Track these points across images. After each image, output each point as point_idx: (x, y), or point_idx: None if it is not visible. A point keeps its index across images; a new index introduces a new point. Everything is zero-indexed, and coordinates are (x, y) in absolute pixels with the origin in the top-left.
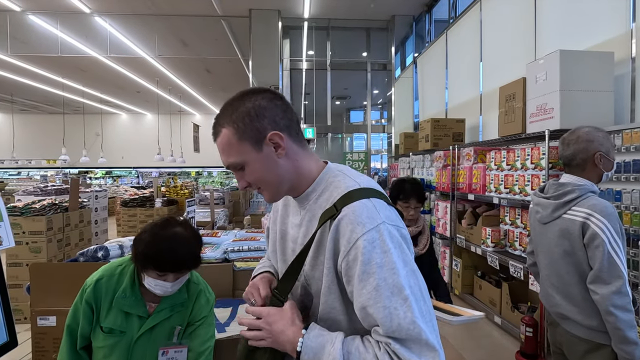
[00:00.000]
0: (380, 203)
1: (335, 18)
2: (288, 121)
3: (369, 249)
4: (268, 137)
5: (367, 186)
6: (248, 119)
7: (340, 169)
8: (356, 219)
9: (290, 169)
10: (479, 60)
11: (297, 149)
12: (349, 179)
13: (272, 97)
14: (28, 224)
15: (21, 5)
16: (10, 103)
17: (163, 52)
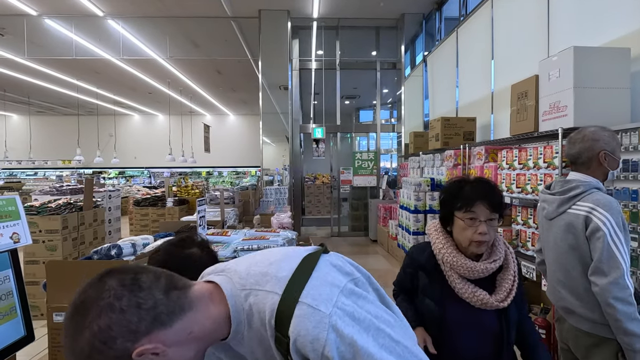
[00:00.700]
0: (311, 292)
1: (344, 17)
2: (151, 313)
3: (335, 352)
4: (134, 356)
5: (283, 286)
6: (97, 354)
7: (240, 284)
8: (306, 338)
9: (188, 348)
10: (490, 58)
11: (181, 325)
12: (262, 293)
13: (111, 302)
14: (44, 223)
15: (38, 9)
16: (27, 105)
17: (174, 54)
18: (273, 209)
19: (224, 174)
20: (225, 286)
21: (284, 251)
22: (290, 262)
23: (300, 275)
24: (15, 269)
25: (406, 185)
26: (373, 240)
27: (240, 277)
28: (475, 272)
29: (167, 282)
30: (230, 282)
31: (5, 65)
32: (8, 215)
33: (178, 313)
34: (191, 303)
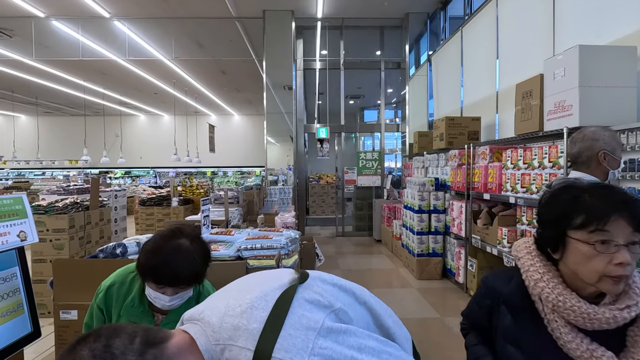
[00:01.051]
0: (284, 344)
1: (348, 17)
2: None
3: None
4: None
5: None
6: None
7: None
8: None
9: None
10: (495, 57)
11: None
12: (236, 348)
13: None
14: (51, 222)
15: (45, 11)
16: (35, 106)
17: (179, 54)
18: (277, 209)
19: (229, 173)
20: (200, 340)
21: (259, 288)
22: (262, 307)
23: (273, 324)
24: (22, 267)
25: (410, 185)
26: (377, 240)
27: (213, 330)
28: (596, 321)
29: (143, 341)
30: (205, 336)
31: (14, 66)
32: (15, 214)
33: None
34: (170, 358)
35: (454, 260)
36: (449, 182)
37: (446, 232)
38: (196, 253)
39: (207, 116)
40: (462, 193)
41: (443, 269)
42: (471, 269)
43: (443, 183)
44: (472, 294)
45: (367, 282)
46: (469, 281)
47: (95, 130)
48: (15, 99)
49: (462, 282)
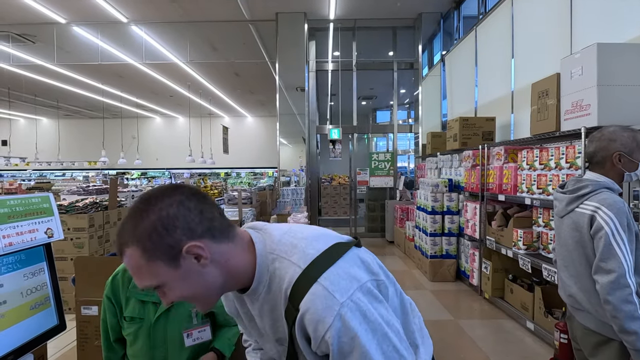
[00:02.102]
0: (331, 276)
1: (361, 18)
2: (208, 222)
3: (336, 341)
4: (184, 250)
5: (307, 262)
6: (156, 235)
7: (270, 248)
8: (313, 316)
9: (220, 274)
10: (510, 57)
11: (224, 247)
12: (287, 262)
13: (182, 199)
14: (72, 221)
15: (66, 17)
16: (56, 109)
17: (194, 58)
18: (290, 209)
19: (242, 174)
20: (258, 245)
21: (320, 231)
22: (321, 242)
23: (326, 258)
24: (49, 262)
25: (423, 186)
26: (390, 242)
27: (272, 241)
28: None
29: (223, 213)
30: (263, 243)
31: (37, 71)
32: (43, 212)
33: (225, 237)
34: (235, 238)
35: (467, 262)
36: (462, 183)
37: (460, 233)
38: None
39: (221, 118)
40: (476, 194)
41: (457, 270)
42: (485, 271)
43: (457, 184)
44: (487, 297)
45: None
46: (484, 283)
47: (113, 133)
48: (38, 102)
49: (476, 284)
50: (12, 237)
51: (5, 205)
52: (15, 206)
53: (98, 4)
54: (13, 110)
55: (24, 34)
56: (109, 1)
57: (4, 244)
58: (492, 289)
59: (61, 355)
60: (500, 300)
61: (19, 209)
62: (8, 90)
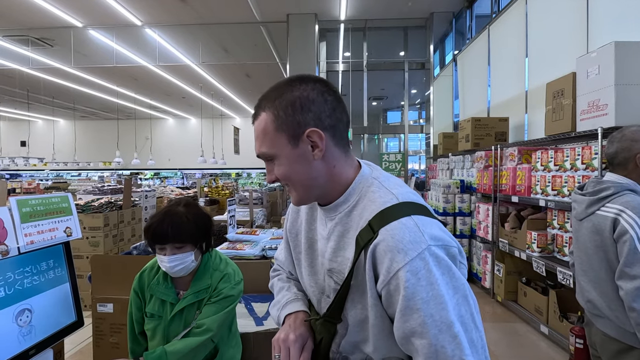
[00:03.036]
0: (424, 220)
1: (372, 18)
2: (335, 121)
3: (412, 282)
4: (306, 133)
5: (407, 199)
6: (291, 109)
7: (375, 175)
8: (396, 245)
9: (324, 174)
10: (524, 56)
11: (338, 153)
12: (385, 190)
13: (324, 90)
14: (88, 221)
15: (83, 21)
16: (72, 110)
17: (206, 59)
18: None
19: (253, 175)
20: (365, 169)
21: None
22: (423, 201)
23: (424, 209)
24: (68, 260)
25: (435, 187)
26: None
27: (380, 174)
28: None
29: (349, 125)
30: (370, 170)
31: (54, 74)
32: (62, 212)
33: (341, 144)
34: (347, 151)
35: (480, 265)
36: (475, 184)
37: (472, 235)
38: (186, 215)
39: (232, 119)
40: (488, 195)
41: (468, 273)
42: (498, 273)
43: (469, 185)
44: (500, 299)
45: None
46: (496, 286)
47: (126, 133)
48: (56, 104)
49: (488, 287)
50: (34, 236)
51: (28, 205)
52: (36, 205)
53: (113, 8)
54: (32, 112)
55: (42, 38)
56: (124, 5)
57: (25, 242)
58: (504, 292)
59: (77, 351)
60: (513, 304)
61: (39, 208)
62: (27, 92)
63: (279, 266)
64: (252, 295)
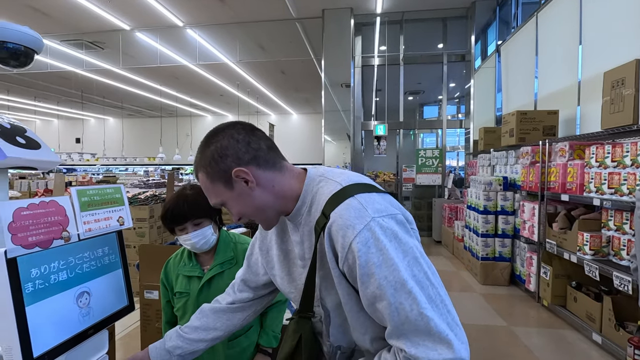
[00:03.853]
0: (367, 197)
1: (409, 10)
2: (254, 152)
3: (364, 250)
4: (234, 174)
5: (349, 183)
6: (214, 162)
7: (320, 173)
8: (344, 222)
9: (268, 197)
10: (577, 43)
11: (270, 175)
12: (331, 182)
13: (232, 132)
14: (135, 212)
15: (130, 24)
16: (120, 109)
17: (243, 57)
18: None
19: None
20: (311, 171)
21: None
22: (366, 180)
23: (366, 187)
24: (121, 247)
25: (475, 184)
26: (437, 241)
27: (325, 170)
28: None
29: (273, 147)
30: (315, 170)
31: (105, 75)
32: (115, 202)
33: (270, 166)
34: (282, 168)
35: (524, 266)
36: (519, 181)
37: (515, 235)
38: (197, 194)
39: (268, 116)
40: (535, 194)
41: (511, 274)
42: (544, 276)
43: (512, 182)
44: (546, 303)
45: None
46: (542, 289)
47: (169, 130)
48: (106, 103)
49: (533, 290)
50: (91, 224)
51: (86, 195)
52: (93, 195)
53: (158, 10)
54: (85, 111)
55: (95, 41)
56: (167, 6)
57: (84, 229)
58: (551, 296)
59: (126, 334)
60: (561, 309)
61: (96, 198)
62: (81, 92)
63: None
64: None
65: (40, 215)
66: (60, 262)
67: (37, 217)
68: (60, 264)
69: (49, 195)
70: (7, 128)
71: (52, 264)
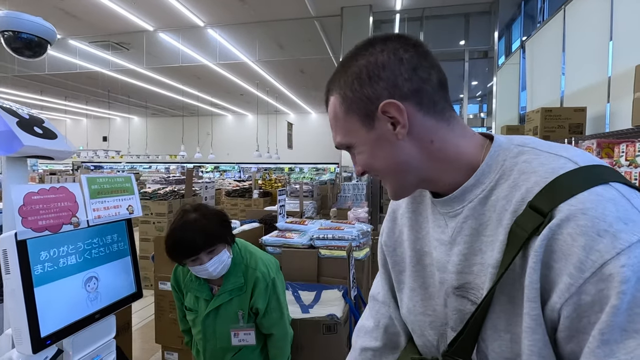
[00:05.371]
0: (632, 190)
1: (429, 7)
2: (419, 82)
3: (633, 282)
4: (380, 108)
5: (591, 163)
6: (357, 84)
7: (518, 141)
8: (595, 224)
9: (418, 155)
10: (608, 38)
11: (431, 123)
12: (548, 155)
13: (398, 47)
14: (155, 207)
15: (154, 25)
16: (144, 108)
17: (262, 56)
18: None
19: (305, 170)
20: (499, 137)
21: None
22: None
23: (625, 178)
24: (130, 235)
25: None
26: None
27: (528, 140)
28: None
29: (445, 84)
30: (507, 138)
31: (130, 75)
32: (125, 190)
33: (435, 112)
34: (451, 120)
35: None
36: None
37: None
38: (204, 218)
39: (287, 115)
40: None
41: None
42: None
43: None
44: None
45: None
46: None
47: (190, 129)
48: (131, 103)
49: None
50: (101, 211)
51: (96, 183)
52: (103, 184)
53: (180, 11)
54: (112, 110)
55: (120, 42)
56: (189, 7)
57: (94, 215)
58: None
59: (143, 325)
60: None
61: (106, 186)
62: (108, 92)
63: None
64: (299, 283)
65: (50, 200)
66: (69, 247)
67: (48, 202)
68: (69, 249)
69: None
70: (26, 119)
71: (61, 248)
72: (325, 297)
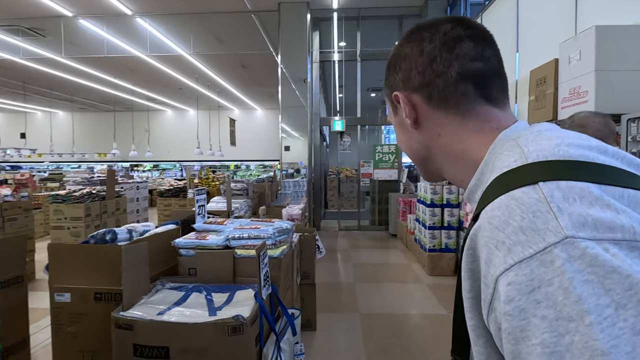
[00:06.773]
0: (573, 188)
1: (365, 7)
2: (431, 76)
3: (516, 302)
4: (393, 98)
5: (547, 158)
6: (387, 72)
7: (520, 130)
8: (494, 235)
9: (425, 146)
10: (515, 43)
11: (440, 117)
12: (516, 149)
13: (426, 37)
14: (69, 211)
15: (73, 10)
16: (70, 102)
17: (198, 49)
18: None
19: (252, 167)
20: (511, 128)
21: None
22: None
23: (594, 169)
24: None
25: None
26: (393, 235)
27: (533, 129)
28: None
29: (479, 75)
30: (517, 126)
31: (49, 64)
32: None
33: (448, 106)
34: (467, 114)
35: None
36: None
37: (460, 227)
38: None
39: (231, 111)
40: None
41: (456, 265)
42: None
43: None
44: None
45: (378, 276)
46: None
47: (124, 125)
48: (54, 96)
49: None
50: None
51: None
52: None
53: None
54: (29, 104)
55: (33, 28)
56: None
57: None
58: None
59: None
60: None
61: None
62: (23, 83)
63: None
64: (212, 285)
65: None
66: None
67: None
68: None
69: None
70: None
71: None
72: (238, 298)
